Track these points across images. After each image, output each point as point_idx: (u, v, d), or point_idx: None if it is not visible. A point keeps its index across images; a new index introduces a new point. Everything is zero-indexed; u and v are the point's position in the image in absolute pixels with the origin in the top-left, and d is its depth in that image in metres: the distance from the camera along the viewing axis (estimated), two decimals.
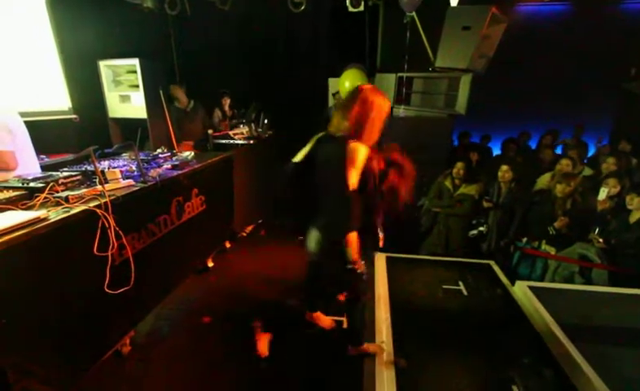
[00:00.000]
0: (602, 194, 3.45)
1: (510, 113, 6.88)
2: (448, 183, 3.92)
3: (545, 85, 6.65)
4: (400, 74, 5.33)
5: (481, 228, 3.65)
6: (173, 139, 4.55)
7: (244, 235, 4.54)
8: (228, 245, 4.06)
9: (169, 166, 2.94)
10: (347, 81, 5.66)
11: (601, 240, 3.16)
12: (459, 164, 3.85)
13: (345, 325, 2.72)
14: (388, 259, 3.41)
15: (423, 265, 3.35)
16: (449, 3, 5.41)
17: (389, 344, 2.34)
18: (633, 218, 3.16)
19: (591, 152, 5.45)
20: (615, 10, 6.82)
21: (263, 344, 2.48)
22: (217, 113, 5.48)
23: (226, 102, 5.53)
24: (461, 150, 5.25)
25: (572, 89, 6.52)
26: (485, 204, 3.69)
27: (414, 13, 5.17)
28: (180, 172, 2.82)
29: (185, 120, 4.85)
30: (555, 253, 3.30)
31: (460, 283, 3.01)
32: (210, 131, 4.77)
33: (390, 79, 5.42)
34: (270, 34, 6.47)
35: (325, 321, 2.63)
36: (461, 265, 3.33)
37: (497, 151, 6.18)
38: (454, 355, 2.25)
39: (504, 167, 3.79)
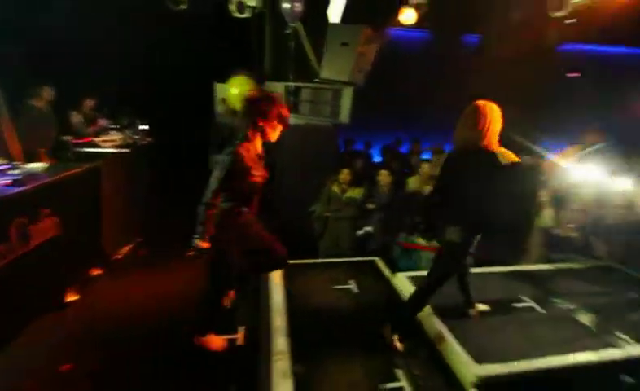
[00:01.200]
0: None
1: (387, 122, 7.76)
2: (336, 188, 4.17)
3: (414, 99, 7.71)
4: (287, 83, 5.49)
5: (367, 228, 3.99)
6: (13, 145, 3.70)
7: (119, 257, 3.99)
8: (96, 273, 3.50)
9: (8, 181, 2.39)
10: (235, 88, 5.54)
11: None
12: (345, 170, 4.14)
13: (240, 341, 2.62)
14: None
15: (316, 268, 3.47)
16: (327, 19, 5.82)
17: (286, 352, 2.34)
18: None
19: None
20: (461, 42, 8.35)
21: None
22: (76, 117, 4.70)
23: (89, 104, 4.79)
24: (346, 156, 5.66)
25: (436, 105, 7.67)
26: (370, 206, 4.05)
27: (297, 24, 5.40)
28: (22, 189, 2.31)
29: (40, 123, 4.00)
30: (427, 244, 3.79)
31: (350, 282, 3.20)
32: (68, 138, 4.06)
33: (279, 88, 5.52)
34: (150, 35, 5.89)
35: (217, 342, 2.52)
36: (350, 265, 3.55)
37: (376, 157, 6.89)
38: (348, 351, 2.38)
39: (383, 172, 4.24)
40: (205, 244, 2.15)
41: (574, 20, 5.23)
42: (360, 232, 3.99)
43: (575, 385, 2.15)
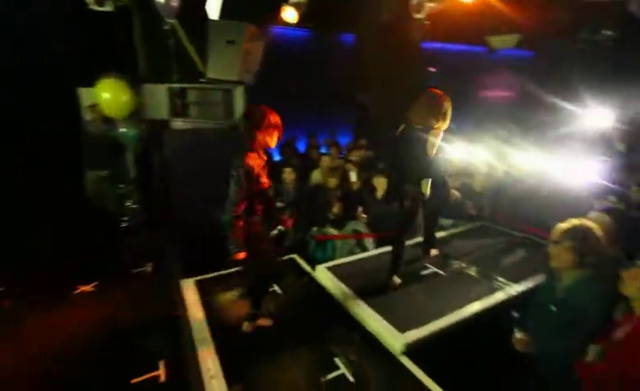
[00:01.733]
0: (353, 176, 4.50)
1: (283, 120, 7.82)
2: None
3: (305, 98, 7.94)
4: (171, 85, 5.04)
5: (280, 227, 3.96)
6: None
7: None
8: None
9: None
10: (106, 93, 4.82)
11: (364, 215, 4.08)
12: None
13: (163, 377, 2.33)
14: (198, 283, 3.17)
15: (236, 277, 3.30)
16: (207, 16, 5.54)
17: (219, 373, 2.18)
18: (378, 195, 4.25)
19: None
20: (339, 40, 8.91)
21: None
22: None
23: None
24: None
25: (325, 101, 8.05)
26: (279, 204, 4.02)
27: (174, 20, 4.98)
28: None
29: None
30: (338, 233, 3.99)
31: (273, 284, 3.14)
32: None
33: (160, 90, 5.03)
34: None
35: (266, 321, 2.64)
36: None
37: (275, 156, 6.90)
38: (284, 353, 2.34)
39: (287, 169, 4.27)
40: (242, 255, 2.28)
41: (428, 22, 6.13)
42: (274, 232, 3.94)
43: (480, 328, 2.55)
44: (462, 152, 3.82)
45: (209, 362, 2.28)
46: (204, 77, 5.17)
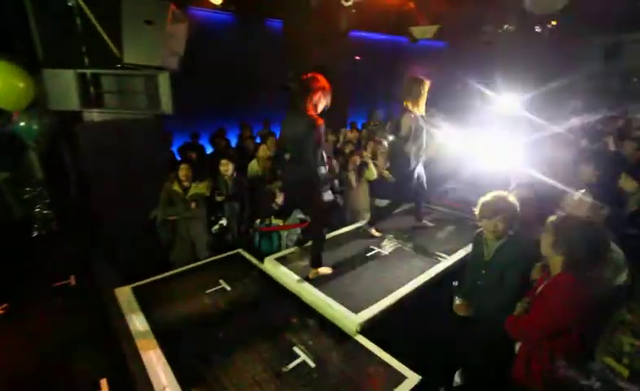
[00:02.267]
0: None
1: (210, 111, 7.43)
2: (177, 187, 3.77)
3: (236, 85, 7.63)
4: (80, 70, 4.45)
5: (221, 222, 3.81)
6: None
7: None
8: None
9: None
10: None
11: None
12: (184, 166, 3.78)
13: None
14: (135, 290, 2.90)
15: (179, 279, 3.10)
16: None
17: (174, 385, 2.05)
18: None
19: None
20: (265, 25, 8.69)
21: None
22: None
23: None
24: (181, 151, 5.16)
25: (257, 87, 7.81)
26: (218, 198, 3.86)
27: None
28: None
29: None
30: (283, 223, 3.97)
31: (220, 281, 3.03)
32: None
33: (67, 76, 4.42)
34: None
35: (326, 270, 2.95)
36: (215, 264, 3.35)
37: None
38: (243, 349, 2.28)
39: (224, 161, 4.08)
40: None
41: (354, 10, 6.31)
42: (215, 227, 3.78)
43: (426, 299, 2.77)
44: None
45: (159, 372, 2.13)
46: (121, 62, 4.66)
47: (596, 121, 6.49)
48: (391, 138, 4.08)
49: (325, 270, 3.00)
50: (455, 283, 2.55)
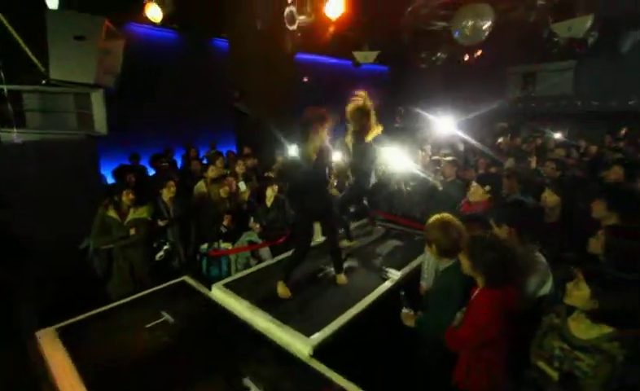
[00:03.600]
0: (242, 186, 4.41)
1: (153, 131, 7.06)
2: (112, 213, 3.47)
3: (179, 106, 7.35)
4: None
5: (166, 247, 3.58)
6: None
7: None
8: None
9: None
10: None
11: (257, 226, 4.02)
12: (127, 190, 3.51)
13: None
14: (61, 331, 2.57)
15: (114, 314, 2.81)
16: (45, 5, 4.65)
17: None
18: (269, 202, 4.25)
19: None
20: (210, 45, 8.55)
21: None
22: None
23: None
24: (118, 173, 4.80)
25: (203, 107, 7.59)
26: (161, 223, 3.63)
27: None
28: None
29: None
30: (232, 247, 3.83)
31: (163, 313, 2.79)
32: None
33: None
34: None
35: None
36: (157, 294, 3.08)
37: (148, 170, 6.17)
38: (189, 386, 2.10)
39: (169, 183, 3.86)
40: None
41: (299, 34, 6.46)
42: (160, 254, 3.53)
43: (378, 313, 2.79)
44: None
45: None
46: (47, 78, 4.28)
47: (520, 142, 7.21)
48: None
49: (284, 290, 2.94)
50: (402, 293, 2.59)
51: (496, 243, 1.86)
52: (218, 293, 3.05)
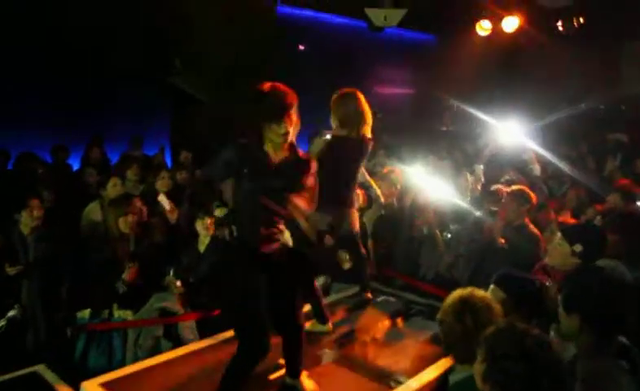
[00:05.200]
0: (165, 203, 4.47)
1: (39, 120, 7.11)
2: None
3: (81, 83, 7.38)
4: None
5: (13, 312, 3.56)
6: None
7: None
8: None
9: None
10: None
11: (178, 283, 3.94)
12: None
13: None
14: None
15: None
16: None
17: None
18: (202, 245, 4.20)
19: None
20: None
21: None
22: None
23: None
24: None
25: (119, 87, 7.62)
26: (10, 271, 3.60)
27: None
28: None
29: None
30: (133, 317, 3.75)
31: None
32: None
33: None
34: None
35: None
36: None
37: None
38: None
39: (32, 202, 3.85)
40: None
41: None
42: (1, 323, 3.54)
43: None
44: None
45: None
46: None
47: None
48: None
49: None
50: None
51: (535, 348, 1.73)
52: None
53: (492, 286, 2.57)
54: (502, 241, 4.16)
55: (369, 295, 4.13)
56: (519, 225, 4.20)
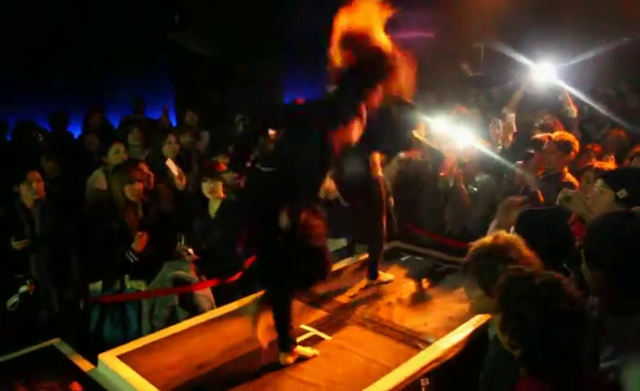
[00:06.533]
0: (173, 168, 4.61)
1: (36, 86, 7.16)
2: None
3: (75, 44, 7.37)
4: None
5: (24, 288, 3.62)
6: None
7: None
8: None
9: None
10: None
11: (190, 251, 3.99)
12: None
13: None
14: None
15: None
16: None
17: None
18: (212, 210, 4.26)
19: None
20: None
21: None
22: None
23: None
24: None
25: (118, 47, 7.61)
26: (17, 245, 3.65)
27: None
28: None
29: None
30: (146, 287, 3.82)
31: None
32: None
33: None
34: None
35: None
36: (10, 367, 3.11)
37: None
38: None
39: (32, 174, 3.93)
40: None
41: None
42: (13, 299, 3.56)
43: None
44: None
45: None
46: None
47: None
48: None
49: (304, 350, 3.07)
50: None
51: (544, 288, 1.73)
52: (109, 370, 3.03)
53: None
54: (534, 190, 4.11)
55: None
56: (556, 174, 4.20)
